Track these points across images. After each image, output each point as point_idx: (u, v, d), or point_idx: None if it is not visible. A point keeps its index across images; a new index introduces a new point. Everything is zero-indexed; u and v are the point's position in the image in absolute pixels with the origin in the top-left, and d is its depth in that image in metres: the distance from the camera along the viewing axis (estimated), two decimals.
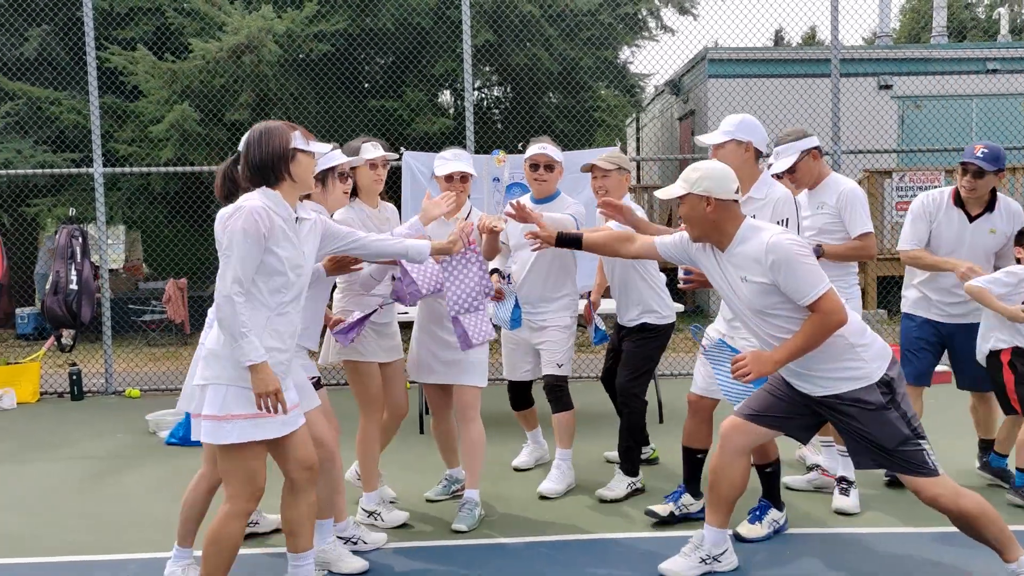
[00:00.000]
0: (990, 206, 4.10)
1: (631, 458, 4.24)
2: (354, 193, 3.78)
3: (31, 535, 4.00)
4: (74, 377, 7.26)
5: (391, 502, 4.15)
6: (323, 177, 3.44)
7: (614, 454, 4.82)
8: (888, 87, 11.90)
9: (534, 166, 4.32)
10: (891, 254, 9.90)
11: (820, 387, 3.12)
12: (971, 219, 4.12)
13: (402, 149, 7.25)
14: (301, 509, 3.01)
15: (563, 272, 4.31)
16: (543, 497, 4.27)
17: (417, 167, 7.26)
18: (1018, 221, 4.13)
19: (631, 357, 4.20)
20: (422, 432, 5.67)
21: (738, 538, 3.58)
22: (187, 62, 9.03)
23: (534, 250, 3.97)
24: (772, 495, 3.71)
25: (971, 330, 4.13)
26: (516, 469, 4.79)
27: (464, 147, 7.76)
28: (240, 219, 2.75)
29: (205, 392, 2.86)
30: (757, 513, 3.70)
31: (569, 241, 3.56)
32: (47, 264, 11.83)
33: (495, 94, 11.65)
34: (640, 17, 10.19)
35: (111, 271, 13.38)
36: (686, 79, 13.05)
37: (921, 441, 3.03)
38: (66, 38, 10.10)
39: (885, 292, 10.33)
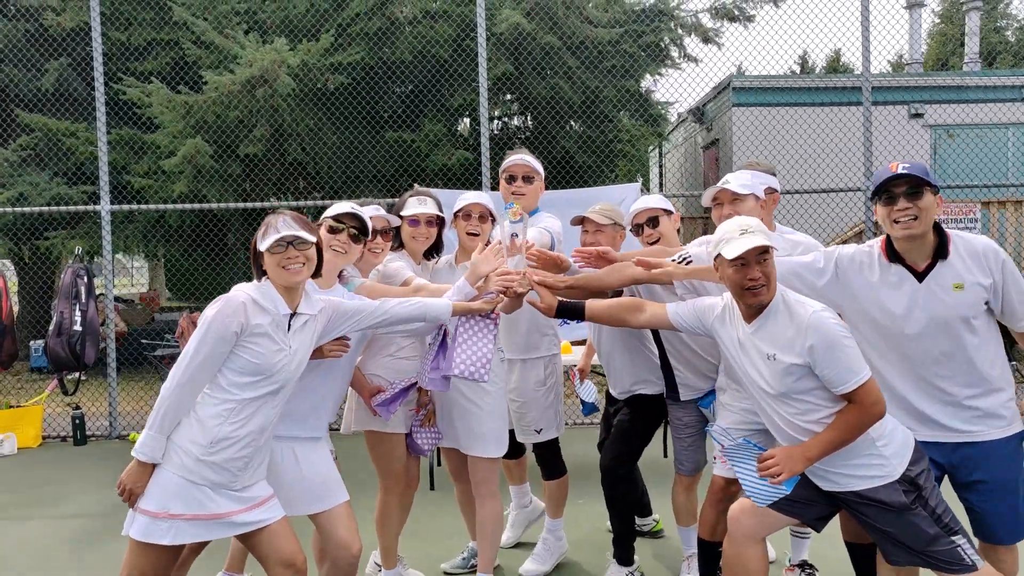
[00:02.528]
0: (941, 250, 2.83)
1: (625, 545, 3.80)
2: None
3: None
4: (77, 421, 7.06)
5: None
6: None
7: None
8: (920, 115, 11.53)
9: (511, 178, 3.84)
10: None
11: (835, 484, 2.79)
12: (920, 276, 2.87)
13: (415, 186, 6.98)
14: None
15: (536, 316, 3.76)
16: None
17: None
18: (991, 255, 2.79)
19: (623, 434, 3.75)
20: (432, 488, 5.38)
21: None
22: (201, 95, 8.90)
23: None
24: None
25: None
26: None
27: (481, 180, 7.56)
28: (215, 310, 2.57)
29: None
30: None
31: (570, 312, 3.25)
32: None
33: (515, 123, 11.44)
34: (663, 46, 9.93)
35: (126, 302, 13.31)
36: (710, 107, 12.77)
37: (955, 537, 2.69)
38: (84, 71, 10.04)
39: None
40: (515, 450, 4.11)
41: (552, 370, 3.93)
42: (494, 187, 7.58)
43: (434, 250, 3.73)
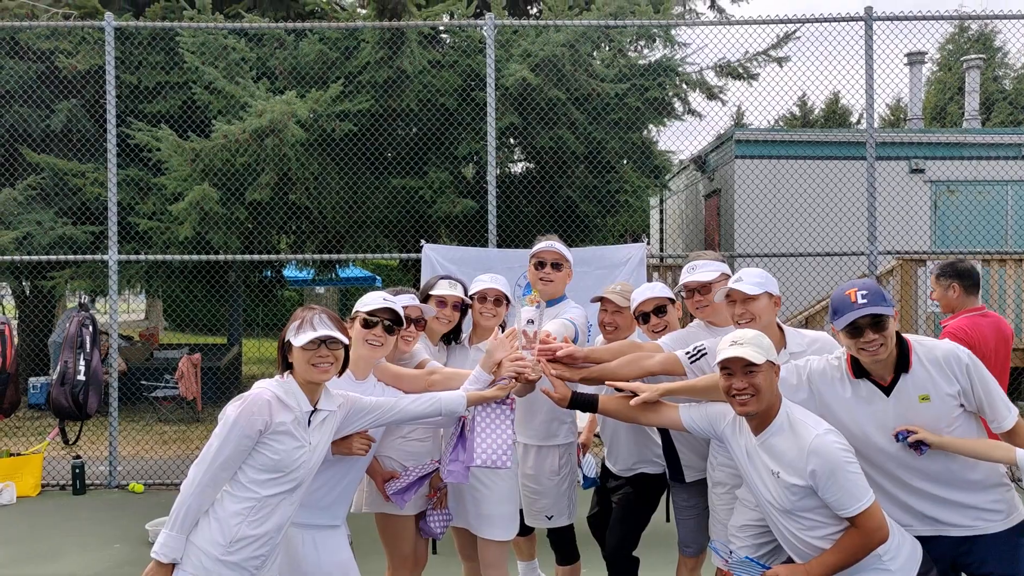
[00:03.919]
0: (902, 363, 2.83)
1: None
2: None
3: None
4: (77, 470, 7.02)
5: None
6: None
7: None
8: (920, 171, 11.65)
9: (540, 264, 3.89)
10: None
11: None
12: (887, 391, 2.85)
13: (422, 242, 7.05)
14: None
15: (559, 408, 3.73)
16: None
17: (437, 260, 7.05)
18: (953, 361, 2.79)
19: (625, 516, 3.76)
20: (435, 552, 5.35)
21: None
22: (210, 141, 8.98)
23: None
24: None
25: None
26: None
27: (487, 229, 7.61)
28: (239, 409, 2.58)
29: None
30: None
31: (583, 404, 3.27)
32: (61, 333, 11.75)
33: (519, 169, 11.54)
34: (667, 100, 10.05)
35: (127, 339, 13.30)
36: (712, 157, 12.90)
37: None
38: (93, 111, 10.14)
39: None
40: (525, 527, 4.10)
41: (568, 459, 3.95)
42: (500, 238, 7.64)
43: (453, 335, 3.76)
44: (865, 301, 2.77)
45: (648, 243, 7.91)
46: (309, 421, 2.73)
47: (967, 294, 4.66)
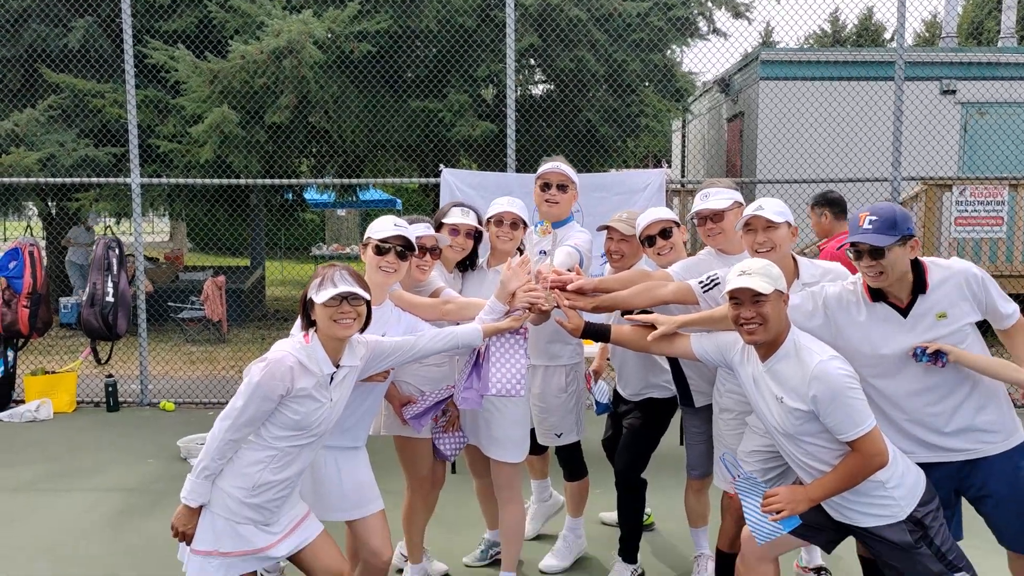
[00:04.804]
0: (919, 286, 2.91)
1: (631, 545, 3.94)
2: None
3: None
4: (110, 388, 7.27)
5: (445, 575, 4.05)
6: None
7: (610, 516, 4.62)
8: (952, 92, 11.34)
9: (546, 185, 3.90)
10: None
11: (843, 516, 2.91)
12: (905, 312, 2.92)
13: (441, 167, 7.04)
14: None
15: (562, 330, 3.74)
16: (543, 572, 4.09)
17: (456, 184, 7.04)
18: (975, 282, 2.87)
19: (634, 439, 3.87)
20: (454, 471, 5.54)
21: None
22: (228, 62, 8.91)
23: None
24: None
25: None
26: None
27: (506, 152, 7.58)
28: (261, 374, 2.65)
29: None
30: None
31: (596, 334, 3.33)
32: (82, 255, 11.95)
33: (539, 91, 11.37)
34: (691, 19, 9.79)
35: (152, 260, 13.50)
36: (737, 78, 12.61)
37: (957, 574, 2.80)
38: (109, 29, 10.05)
39: None
40: (538, 447, 4.23)
41: (574, 377, 4.03)
42: (519, 162, 7.61)
43: (468, 262, 3.81)
44: (869, 227, 2.82)
45: (668, 168, 7.82)
46: (331, 379, 2.80)
47: (836, 219, 5.20)
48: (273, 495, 2.72)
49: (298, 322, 2.97)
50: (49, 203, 11.91)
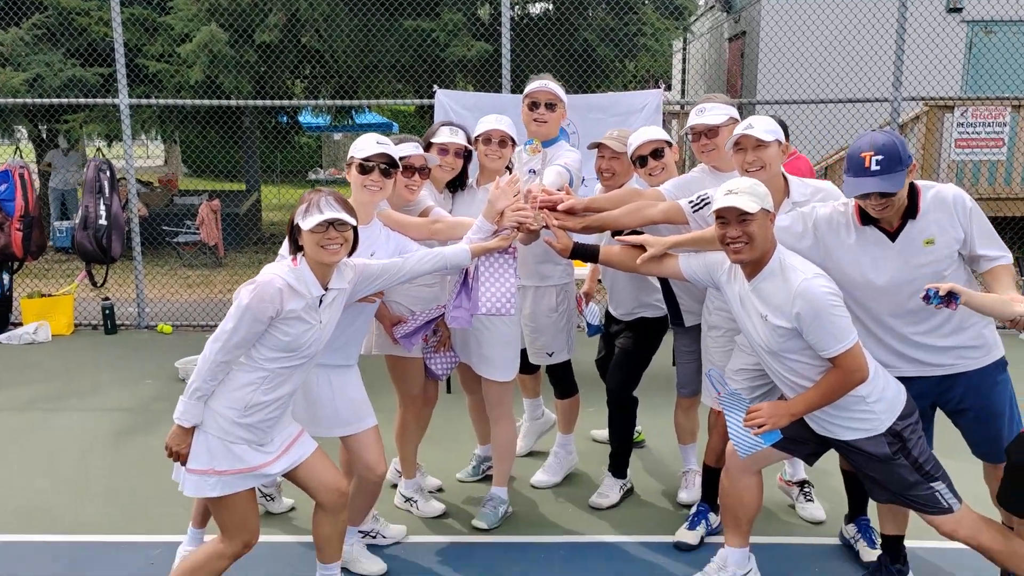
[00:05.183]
0: (911, 210, 2.86)
1: (621, 461, 4.03)
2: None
3: (53, 507, 4.06)
4: (107, 311, 7.31)
5: (439, 490, 4.15)
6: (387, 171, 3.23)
7: (601, 433, 4.71)
8: (958, 10, 11.06)
9: (534, 104, 3.82)
10: None
11: (824, 429, 2.97)
12: (893, 236, 2.90)
13: (435, 87, 6.92)
14: (332, 528, 3.01)
15: (552, 251, 3.72)
16: (535, 487, 4.19)
17: (450, 106, 6.94)
18: (962, 210, 2.83)
19: (626, 358, 3.91)
20: (449, 391, 5.62)
21: None
22: None
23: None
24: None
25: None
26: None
27: (500, 72, 7.44)
28: (250, 296, 2.64)
29: None
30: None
31: (584, 254, 3.32)
32: (61, 180, 11.81)
33: (536, 10, 11.09)
34: None
35: (145, 184, 13.39)
36: None
37: (933, 483, 2.88)
38: None
39: None
40: (530, 366, 4.28)
41: (564, 296, 4.04)
42: (514, 82, 7.48)
43: (458, 182, 3.78)
44: (879, 168, 2.72)
45: (668, 89, 7.67)
46: (320, 301, 2.80)
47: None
48: (265, 415, 2.76)
49: (286, 244, 2.96)
50: (39, 126, 11.74)
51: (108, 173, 7.15)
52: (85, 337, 7.30)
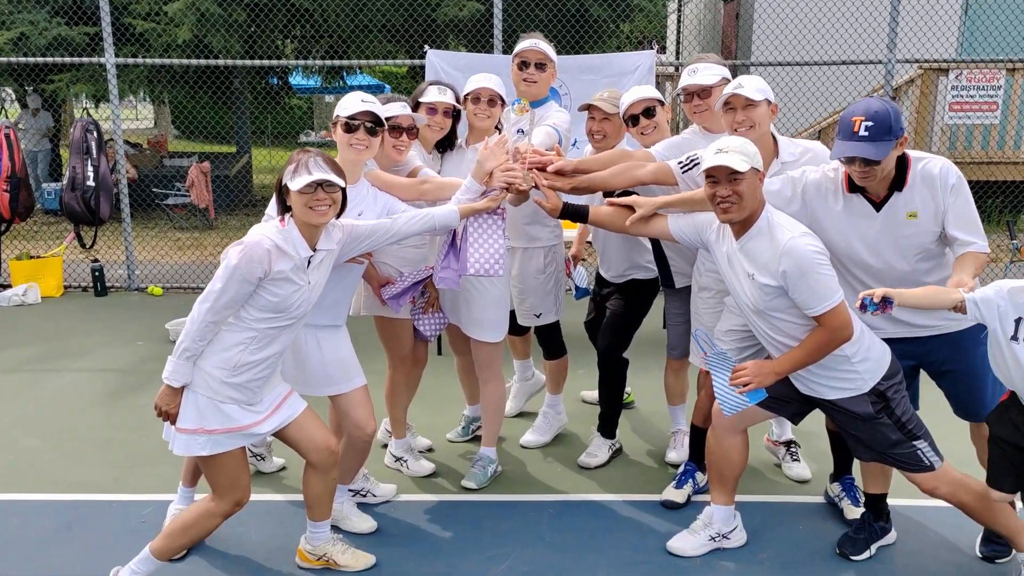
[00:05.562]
0: (898, 182, 2.86)
1: (610, 421, 4.05)
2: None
3: (43, 465, 4.08)
4: (96, 273, 7.28)
5: (429, 450, 4.17)
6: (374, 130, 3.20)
7: (591, 394, 4.74)
8: None
9: (523, 64, 3.81)
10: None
11: (809, 389, 2.99)
12: (878, 207, 2.91)
13: (425, 47, 6.84)
14: (322, 486, 3.04)
15: (540, 212, 3.69)
16: (524, 447, 4.23)
17: (441, 66, 6.86)
18: (944, 186, 2.81)
19: (617, 319, 3.91)
20: (440, 353, 5.65)
21: None
22: None
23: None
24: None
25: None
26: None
27: (492, 32, 7.35)
28: (239, 256, 2.63)
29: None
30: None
31: (574, 215, 3.32)
32: (35, 143, 11.64)
33: None
34: None
35: (135, 146, 13.26)
36: None
37: (916, 442, 2.91)
38: None
39: None
40: (520, 328, 4.30)
41: (552, 258, 4.04)
42: (506, 43, 7.39)
43: (447, 142, 3.75)
44: (866, 134, 2.71)
45: (662, 51, 7.60)
46: (308, 262, 2.79)
47: None
48: (254, 375, 2.76)
49: (273, 204, 2.94)
50: (26, 87, 11.58)
51: (95, 134, 7.08)
52: (75, 299, 7.28)
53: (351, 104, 3.14)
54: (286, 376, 3.05)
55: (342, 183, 2.75)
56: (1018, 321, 2.58)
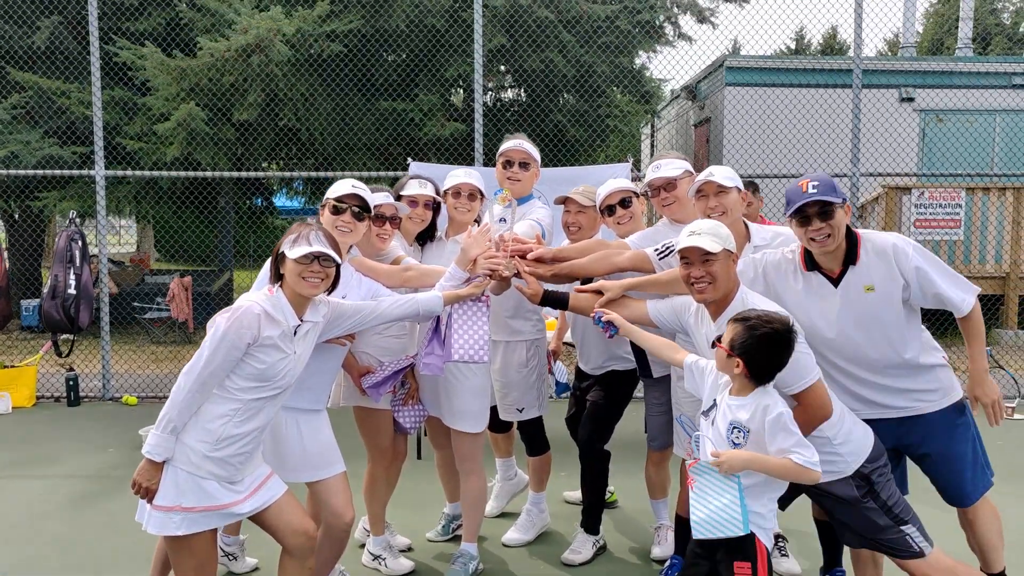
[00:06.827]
0: (851, 256, 2.95)
1: (594, 516, 3.97)
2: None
3: (9, 569, 3.89)
4: (71, 383, 7.17)
5: (408, 549, 4.06)
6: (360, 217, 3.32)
7: (574, 495, 4.65)
8: (910, 100, 11.62)
9: (508, 163, 3.95)
10: None
11: None
12: (835, 283, 2.97)
13: (409, 160, 7.08)
14: (299, 575, 2.92)
15: (523, 299, 3.69)
16: (506, 546, 4.12)
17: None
18: (900, 258, 2.88)
19: (597, 411, 3.90)
20: (419, 457, 5.55)
21: None
22: (195, 60, 8.90)
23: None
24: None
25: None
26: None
27: (474, 152, 7.64)
28: (228, 322, 2.66)
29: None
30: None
31: (555, 301, 3.38)
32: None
33: (509, 95, 11.47)
34: (658, 24, 9.96)
35: (117, 263, 13.34)
36: (703, 85, 12.82)
37: (903, 527, 2.87)
38: (76, 29, 9.99)
39: None
40: (502, 425, 4.27)
41: (535, 352, 4.06)
42: (487, 160, 7.67)
43: (427, 234, 3.84)
44: (815, 191, 2.87)
45: (637, 168, 7.89)
46: (295, 332, 2.81)
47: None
48: (237, 449, 2.72)
49: (258, 280, 2.98)
50: (11, 203, 11.72)
51: (80, 243, 7.14)
52: (47, 409, 7.12)
53: (340, 188, 3.24)
54: (265, 460, 2.99)
55: (339, 260, 2.81)
56: (714, 403, 2.75)
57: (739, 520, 2.59)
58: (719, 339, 2.72)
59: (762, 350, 2.63)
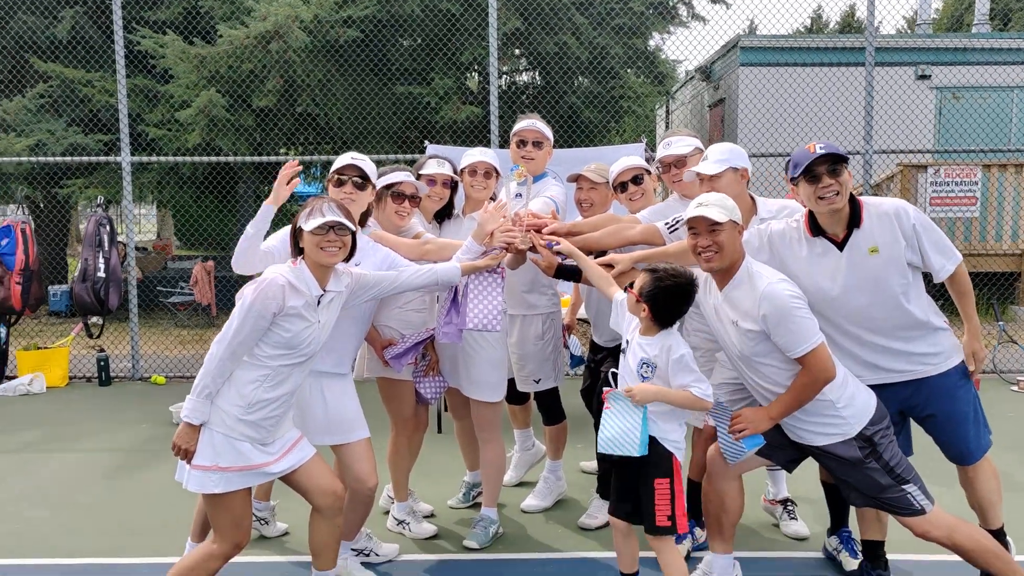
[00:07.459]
0: (854, 219, 3.09)
1: (609, 482, 4.13)
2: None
3: (46, 534, 4.10)
4: (101, 363, 7.39)
5: (430, 515, 4.21)
6: (380, 195, 3.56)
7: (590, 464, 4.79)
8: (926, 77, 11.60)
9: (522, 142, 4.08)
10: None
11: (798, 436, 3.10)
12: (840, 246, 3.09)
13: (426, 142, 7.21)
14: (328, 533, 3.09)
15: (538, 275, 3.92)
16: (525, 512, 4.26)
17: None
18: (902, 218, 3.01)
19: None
20: (440, 431, 5.70)
21: None
22: (215, 47, 9.06)
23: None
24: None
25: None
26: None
27: (489, 135, 7.75)
28: (255, 293, 2.81)
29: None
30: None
31: (569, 274, 3.51)
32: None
33: (523, 79, 11.55)
34: (672, 5, 10.00)
35: (141, 250, 13.59)
36: (717, 66, 12.84)
37: (905, 486, 2.99)
38: (98, 19, 10.17)
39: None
40: (520, 397, 4.42)
41: (550, 325, 4.19)
42: (502, 143, 7.78)
43: (445, 212, 3.98)
44: (823, 150, 3.02)
45: (651, 149, 7.98)
46: (319, 301, 2.96)
47: None
48: (268, 413, 2.87)
49: (283, 252, 3.13)
50: (37, 191, 11.98)
51: (108, 228, 7.35)
52: (80, 389, 7.36)
53: (341, 161, 3.42)
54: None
55: (353, 227, 2.95)
56: (627, 342, 3.06)
57: (637, 443, 2.94)
58: (631, 285, 3.02)
59: (666, 298, 2.95)
